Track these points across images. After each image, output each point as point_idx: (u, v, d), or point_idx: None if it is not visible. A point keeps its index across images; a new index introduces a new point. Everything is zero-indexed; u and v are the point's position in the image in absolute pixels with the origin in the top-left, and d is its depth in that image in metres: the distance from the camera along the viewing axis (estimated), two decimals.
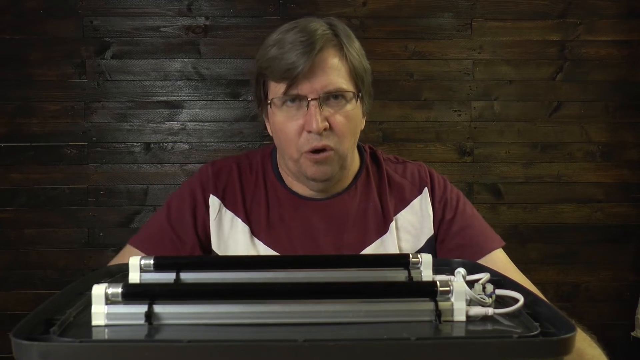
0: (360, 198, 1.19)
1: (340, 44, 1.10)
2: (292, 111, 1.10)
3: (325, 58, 1.08)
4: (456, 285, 0.64)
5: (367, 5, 2.43)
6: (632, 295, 2.49)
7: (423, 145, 2.47)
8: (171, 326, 0.62)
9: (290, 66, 1.06)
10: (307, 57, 1.06)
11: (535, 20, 2.47)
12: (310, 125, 1.07)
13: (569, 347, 0.55)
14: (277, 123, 1.13)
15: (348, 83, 1.10)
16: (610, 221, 2.50)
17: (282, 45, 1.09)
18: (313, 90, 1.08)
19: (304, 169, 1.13)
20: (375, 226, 1.17)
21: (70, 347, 0.55)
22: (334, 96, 1.09)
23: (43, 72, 2.39)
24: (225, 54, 2.42)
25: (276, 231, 1.16)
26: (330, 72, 1.08)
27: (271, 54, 1.10)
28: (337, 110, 1.10)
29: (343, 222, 1.17)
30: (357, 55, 1.12)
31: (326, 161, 1.11)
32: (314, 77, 1.07)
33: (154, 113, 2.42)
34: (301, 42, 1.07)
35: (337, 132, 1.10)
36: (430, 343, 0.56)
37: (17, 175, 2.39)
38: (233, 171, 1.21)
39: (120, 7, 2.40)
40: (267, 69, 1.11)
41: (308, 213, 1.17)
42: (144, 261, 0.77)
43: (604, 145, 2.50)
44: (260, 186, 1.20)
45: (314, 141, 1.09)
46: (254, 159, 1.24)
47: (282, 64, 1.07)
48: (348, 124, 1.11)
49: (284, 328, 0.62)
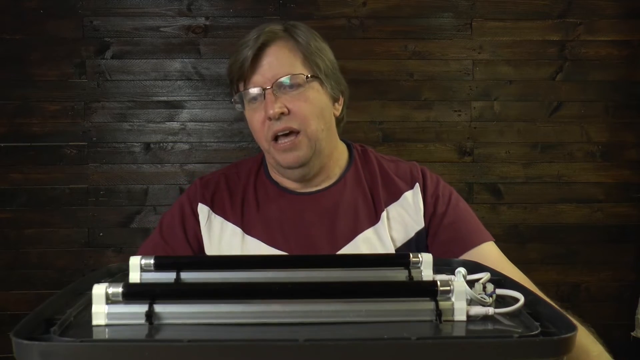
0: (350, 190, 1.21)
1: (289, 35, 1.16)
2: (255, 105, 1.16)
3: (273, 50, 1.15)
4: (456, 284, 0.64)
5: (367, 5, 2.43)
6: (632, 295, 2.49)
7: (423, 145, 2.47)
8: (172, 326, 0.62)
9: (241, 63, 1.14)
10: (252, 49, 1.13)
11: (535, 20, 2.47)
12: (267, 112, 1.12)
13: (569, 347, 0.55)
14: (248, 120, 1.20)
15: (300, 69, 1.15)
16: (610, 221, 2.50)
17: (238, 48, 1.17)
18: (265, 80, 1.13)
19: (276, 158, 1.17)
20: (367, 216, 1.19)
21: (70, 346, 0.55)
22: (290, 85, 1.14)
23: (43, 72, 2.39)
24: (225, 54, 2.42)
25: (268, 227, 1.18)
26: (278, 61, 1.14)
27: (231, 59, 1.18)
28: (294, 96, 1.14)
29: (334, 213, 1.19)
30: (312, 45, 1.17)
31: (295, 146, 1.15)
32: (263, 68, 1.14)
33: (154, 113, 2.42)
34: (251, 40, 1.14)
35: (298, 115, 1.14)
36: (430, 343, 0.56)
37: (17, 175, 2.39)
38: (220, 181, 1.26)
39: (120, 7, 2.40)
40: (230, 74, 1.19)
41: (299, 206, 1.20)
42: (145, 261, 0.77)
43: (604, 145, 2.50)
44: (250, 188, 1.24)
45: (274, 126, 1.13)
46: (244, 166, 1.29)
47: (237, 64, 1.15)
48: (309, 106, 1.14)
49: (284, 328, 0.62)
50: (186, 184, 2.42)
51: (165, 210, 2.17)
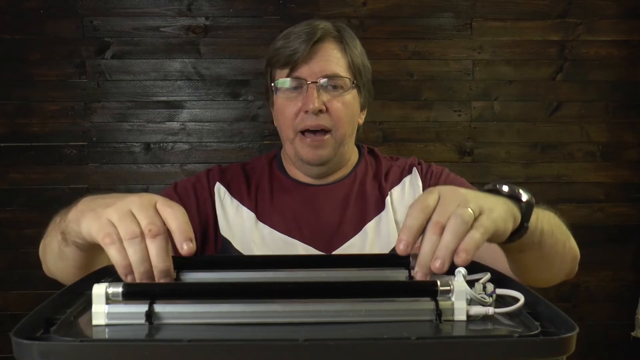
0: (359, 182, 1.28)
1: (341, 38, 1.20)
2: (292, 94, 1.19)
3: (325, 47, 1.18)
4: (457, 284, 0.64)
5: (367, 5, 2.43)
6: (632, 295, 2.49)
7: (423, 145, 2.47)
8: (172, 325, 0.62)
9: (292, 52, 1.16)
10: (307, 43, 1.16)
11: (535, 20, 2.47)
12: (307, 105, 1.16)
13: (569, 347, 0.55)
14: (279, 108, 1.21)
15: (346, 72, 1.19)
16: (610, 221, 2.50)
17: (287, 36, 1.20)
18: (312, 73, 1.17)
19: (298, 151, 1.20)
20: (374, 205, 1.24)
21: (70, 346, 0.55)
22: (333, 86, 1.18)
23: (43, 72, 2.38)
24: (225, 54, 2.42)
25: (282, 215, 1.22)
26: (329, 59, 1.18)
27: (278, 45, 1.20)
28: (335, 96, 1.18)
29: (345, 202, 1.24)
30: (357, 52, 1.22)
31: (322, 144, 1.19)
32: (313, 62, 1.17)
33: (154, 113, 2.42)
34: (305, 32, 1.18)
35: (334, 116, 1.18)
36: (430, 342, 0.56)
37: (17, 175, 2.39)
38: (238, 170, 1.29)
39: (120, 7, 2.40)
40: (273, 58, 1.21)
41: (311, 196, 1.24)
42: None
43: (604, 145, 2.50)
44: (265, 180, 1.27)
45: (308, 120, 1.17)
46: (259, 162, 1.32)
47: (286, 51, 1.18)
48: (345, 110, 1.19)
49: (284, 327, 0.62)
50: None
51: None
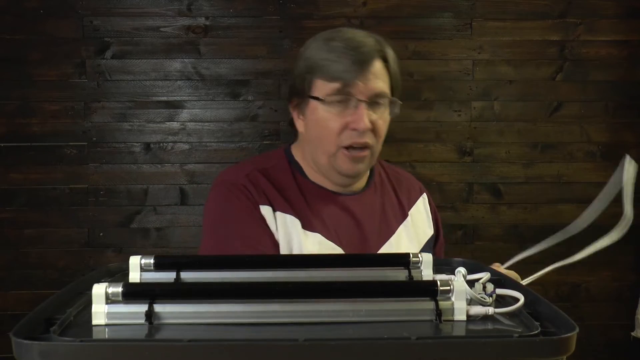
0: (380, 192, 1.32)
1: (385, 56, 1.22)
2: (339, 109, 1.19)
3: (374, 65, 1.20)
4: (457, 284, 0.64)
5: (367, 5, 2.43)
6: (632, 295, 2.49)
7: (423, 145, 2.47)
8: (171, 325, 0.62)
9: (345, 69, 1.17)
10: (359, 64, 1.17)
11: (535, 20, 2.47)
12: (359, 124, 1.17)
13: (569, 346, 0.55)
14: (320, 119, 1.21)
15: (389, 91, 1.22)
16: (610, 221, 2.49)
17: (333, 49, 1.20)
18: (364, 92, 1.18)
19: (339, 164, 1.21)
20: (396, 214, 1.31)
21: (70, 346, 0.55)
22: (378, 104, 1.21)
23: (43, 72, 2.38)
24: (225, 54, 2.42)
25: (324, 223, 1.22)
26: (377, 79, 1.20)
27: (322, 56, 1.20)
28: (380, 114, 1.21)
29: (373, 211, 1.28)
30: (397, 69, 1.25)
31: (362, 159, 1.22)
32: (366, 81, 1.18)
33: (154, 113, 2.42)
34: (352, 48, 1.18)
35: (377, 133, 1.22)
36: (430, 342, 0.56)
37: (17, 175, 2.38)
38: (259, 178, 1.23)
39: (120, 7, 2.40)
40: (317, 68, 1.20)
41: (345, 205, 1.26)
42: (145, 260, 0.77)
43: (604, 145, 2.50)
44: (293, 187, 1.25)
45: (356, 137, 1.19)
46: (269, 162, 1.28)
47: (336, 66, 1.18)
48: (385, 127, 1.24)
49: (284, 327, 0.62)
50: (186, 184, 2.42)
51: (165, 210, 2.18)
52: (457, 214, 2.45)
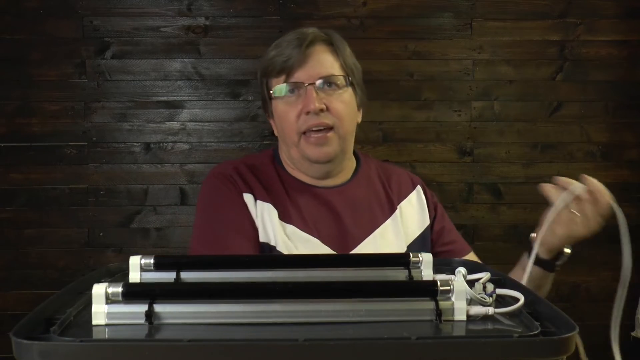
0: (365, 186, 1.32)
1: (331, 41, 1.27)
2: (292, 99, 1.23)
3: (317, 51, 1.24)
4: (457, 284, 0.64)
5: (367, 5, 2.43)
6: (632, 295, 2.49)
7: (423, 145, 2.47)
8: (171, 325, 0.62)
9: (286, 58, 1.22)
10: (299, 48, 1.21)
11: (535, 20, 2.47)
12: (308, 106, 1.20)
13: (569, 347, 0.55)
14: (280, 114, 1.25)
15: (340, 71, 1.24)
16: (610, 221, 2.49)
17: (278, 45, 1.26)
18: (308, 76, 1.22)
19: (306, 152, 1.23)
20: (384, 208, 1.30)
21: (70, 346, 0.55)
22: (328, 84, 1.23)
23: (43, 72, 2.38)
24: (225, 54, 2.42)
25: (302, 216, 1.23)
26: (322, 61, 1.23)
27: (270, 55, 1.26)
28: (333, 95, 1.23)
29: (356, 205, 1.28)
30: (347, 53, 1.28)
31: (327, 141, 1.22)
32: (308, 65, 1.22)
33: (154, 113, 2.42)
34: (296, 39, 1.23)
35: (335, 114, 1.22)
36: (430, 342, 0.56)
37: (17, 175, 2.38)
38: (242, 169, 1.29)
39: (120, 7, 2.40)
40: (267, 68, 1.26)
41: (325, 198, 1.27)
42: (144, 260, 0.77)
43: (604, 145, 2.50)
44: (275, 179, 1.29)
45: (311, 120, 1.21)
46: (256, 160, 1.34)
47: (279, 59, 1.23)
48: (345, 107, 1.24)
49: (284, 327, 0.62)
50: (186, 184, 2.42)
51: (165, 209, 2.19)
52: (457, 214, 2.45)
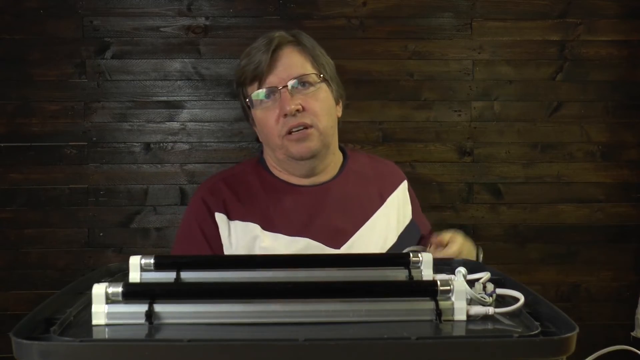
0: (353, 180, 1.34)
1: (297, 41, 1.27)
2: (269, 104, 1.26)
3: (285, 53, 1.26)
4: (457, 284, 0.64)
5: (367, 5, 2.43)
6: (632, 295, 2.49)
7: (423, 145, 2.47)
8: (171, 325, 0.62)
9: (256, 65, 1.24)
10: (267, 53, 1.23)
11: (535, 20, 2.47)
12: (284, 108, 1.22)
13: (569, 347, 0.55)
14: (260, 121, 1.28)
15: (311, 69, 1.26)
16: (610, 221, 2.50)
17: (248, 54, 1.28)
18: (280, 80, 1.24)
19: (290, 151, 1.25)
20: (373, 201, 1.33)
21: (70, 346, 0.55)
22: (302, 84, 1.25)
23: (43, 72, 2.38)
24: (225, 54, 2.42)
25: (287, 220, 1.25)
26: (292, 63, 1.25)
27: (242, 64, 1.29)
28: (307, 94, 1.25)
29: (344, 202, 1.30)
30: (316, 50, 1.29)
31: (307, 137, 1.24)
32: (278, 69, 1.24)
33: (154, 113, 2.42)
34: (264, 45, 1.25)
35: (311, 112, 1.24)
36: (430, 342, 0.56)
37: (17, 175, 2.38)
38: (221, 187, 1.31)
39: (120, 7, 2.40)
40: (240, 77, 1.29)
41: (313, 198, 1.29)
42: (145, 260, 0.77)
43: (604, 145, 2.50)
44: (257, 188, 1.30)
45: (290, 121, 1.23)
46: (240, 168, 1.38)
47: (250, 67, 1.26)
48: (320, 104, 1.25)
49: (284, 327, 0.62)
50: (186, 184, 2.42)
51: (165, 209, 2.20)
52: (457, 214, 2.45)
